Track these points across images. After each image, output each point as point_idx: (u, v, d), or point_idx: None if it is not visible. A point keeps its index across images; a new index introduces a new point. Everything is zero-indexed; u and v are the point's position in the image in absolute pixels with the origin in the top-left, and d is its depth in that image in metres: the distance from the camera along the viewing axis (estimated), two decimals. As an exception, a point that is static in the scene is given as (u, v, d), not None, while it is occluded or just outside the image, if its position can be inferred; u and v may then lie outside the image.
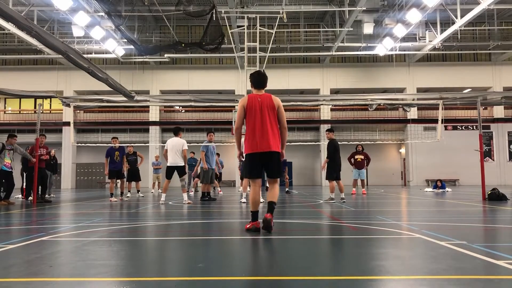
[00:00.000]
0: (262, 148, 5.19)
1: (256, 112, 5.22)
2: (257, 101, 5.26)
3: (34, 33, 8.29)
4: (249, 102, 5.28)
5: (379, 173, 31.33)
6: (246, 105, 5.28)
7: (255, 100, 5.28)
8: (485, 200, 11.22)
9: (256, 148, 5.20)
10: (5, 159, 11.25)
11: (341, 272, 3.25)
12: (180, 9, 16.12)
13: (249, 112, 5.27)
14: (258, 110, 5.23)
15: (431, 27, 25.51)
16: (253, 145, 5.22)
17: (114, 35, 25.06)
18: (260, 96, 5.34)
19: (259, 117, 5.21)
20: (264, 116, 5.21)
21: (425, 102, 17.67)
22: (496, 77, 30.35)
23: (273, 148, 5.20)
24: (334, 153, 11.34)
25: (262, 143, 5.18)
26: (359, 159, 15.74)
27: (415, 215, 8.20)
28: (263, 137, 5.18)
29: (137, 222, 6.91)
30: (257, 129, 5.19)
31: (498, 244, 4.63)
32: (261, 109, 5.23)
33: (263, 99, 5.30)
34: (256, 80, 5.46)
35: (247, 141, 5.27)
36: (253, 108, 5.24)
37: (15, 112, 32.66)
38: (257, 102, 5.25)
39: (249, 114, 5.27)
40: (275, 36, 21.84)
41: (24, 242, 4.57)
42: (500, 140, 30.08)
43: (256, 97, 5.32)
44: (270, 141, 5.18)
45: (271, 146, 5.19)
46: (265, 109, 5.23)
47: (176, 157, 10.71)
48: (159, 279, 3.02)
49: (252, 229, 5.25)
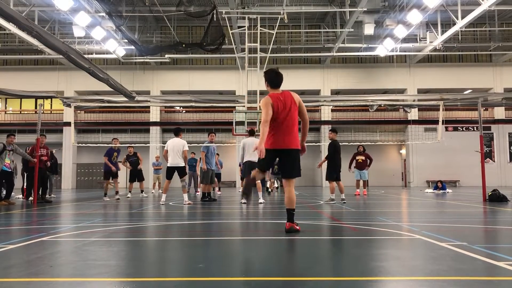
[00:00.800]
0: (282, 145, 5.21)
1: (279, 110, 5.19)
2: (280, 100, 5.24)
3: (35, 33, 8.30)
4: (273, 101, 5.22)
5: (379, 174, 31.32)
6: (272, 103, 5.22)
7: (278, 99, 5.25)
8: (486, 201, 11.21)
9: (277, 145, 5.22)
10: (5, 160, 11.26)
11: (342, 273, 3.25)
12: (181, 9, 16.14)
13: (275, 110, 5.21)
14: (281, 108, 5.20)
15: (432, 28, 25.50)
16: (274, 142, 5.22)
17: (115, 36, 25.08)
18: (281, 95, 5.32)
19: (282, 116, 5.19)
20: (288, 114, 5.22)
21: (426, 103, 17.69)
22: (497, 78, 30.34)
23: (293, 146, 5.24)
24: (334, 153, 11.32)
25: (284, 141, 5.21)
26: (360, 160, 15.61)
27: (416, 216, 8.19)
28: (284, 135, 5.21)
29: (137, 222, 6.91)
30: (279, 127, 5.20)
31: (498, 245, 4.63)
32: (284, 108, 5.22)
33: (285, 97, 5.29)
34: (273, 79, 5.43)
35: (268, 137, 5.23)
36: (276, 107, 5.19)
37: (16, 112, 32.68)
38: (280, 101, 5.23)
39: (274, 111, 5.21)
40: (275, 37, 21.84)
41: (25, 242, 4.57)
42: (500, 141, 30.06)
43: (278, 96, 5.29)
44: (291, 139, 5.23)
45: (291, 143, 5.23)
46: (287, 108, 5.23)
47: (176, 157, 10.66)
48: (159, 279, 3.02)
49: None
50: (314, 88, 30.46)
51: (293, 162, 5.29)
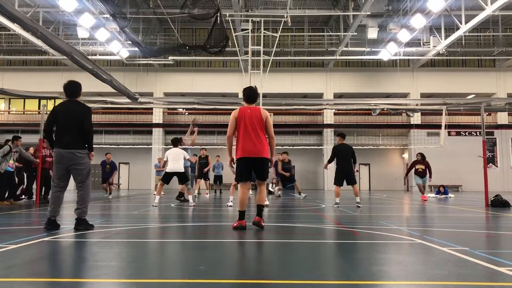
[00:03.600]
0: (251, 154, 5.80)
1: (246, 122, 5.84)
2: (247, 112, 5.91)
3: (39, 34, 8.34)
4: (239, 113, 5.92)
5: (381, 178, 31.27)
6: (237, 116, 5.90)
7: (246, 111, 5.92)
8: (488, 206, 11.17)
9: (245, 153, 5.81)
10: (9, 161, 11.33)
11: (343, 277, 3.24)
12: (185, 12, 16.16)
13: (239, 122, 5.88)
14: (247, 120, 5.85)
15: (435, 33, 25.47)
16: (243, 151, 5.82)
17: (119, 37, 25.14)
18: (250, 108, 6.00)
19: (248, 126, 5.83)
20: (253, 125, 5.84)
21: (429, 108, 17.66)
22: (500, 83, 30.27)
23: (262, 154, 5.84)
24: (334, 158, 11.18)
25: (252, 149, 5.80)
26: (420, 169, 14.91)
27: (418, 220, 8.17)
28: (252, 144, 5.79)
29: (138, 224, 6.91)
30: (247, 137, 5.81)
31: (500, 251, 4.61)
32: (250, 119, 5.85)
33: (252, 110, 5.95)
34: (247, 95, 6.12)
35: (237, 147, 5.89)
36: (243, 118, 5.86)
37: (19, 113, 32.77)
38: (247, 113, 5.90)
39: (240, 123, 5.87)
40: (279, 40, 21.86)
41: (26, 242, 4.58)
42: (503, 146, 29.98)
43: (246, 109, 5.97)
44: (258, 147, 5.81)
45: (260, 152, 5.82)
46: (253, 119, 5.86)
47: (176, 164, 10.72)
48: (160, 281, 3.03)
49: (239, 227, 5.76)
50: (317, 92, 30.47)
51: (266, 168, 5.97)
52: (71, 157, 5.57)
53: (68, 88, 5.88)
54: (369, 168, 31.78)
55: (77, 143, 5.61)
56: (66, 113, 5.71)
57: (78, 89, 5.93)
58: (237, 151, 5.89)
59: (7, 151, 11.11)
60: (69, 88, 5.88)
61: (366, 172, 31.95)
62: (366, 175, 31.97)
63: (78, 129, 5.62)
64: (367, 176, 31.97)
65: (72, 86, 5.92)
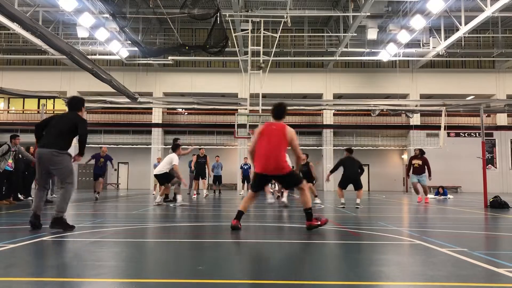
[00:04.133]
0: (271, 172, 5.77)
1: (269, 138, 5.78)
2: (271, 129, 5.87)
3: (39, 33, 8.34)
4: (264, 128, 5.92)
5: (381, 179, 31.27)
6: (261, 131, 5.90)
7: (270, 127, 5.91)
8: (487, 207, 11.18)
9: (264, 170, 5.75)
10: (8, 160, 11.32)
11: (342, 277, 3.24)
12: (184, 12, 16.18)
13: (261, 137, 5.83)
14: (271, 136, 5.79)
15: (435, 34, 25.49)
16: (262, 167, 5.76)
17: (118, 37, 25.13)
18: (275, 124, 5.95)
19: (271, 143, 5.74)
20: (275, 142, 5.75)
21: (428, 109, 17.69)
22: (499, 85, 30.30)
23: (282, 172, 5.77)
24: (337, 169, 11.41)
25: (271, 167, 5.72)
26: (416, 164, 13.71)
27: (416, 221, 8.18)
28: (273, 161, 5.69)
29: (138, 223, 6.91)
30: (268, 153, 5.71)
31: (499, 252, 4.61)
32: (273, 136, 5.79)
33: (278, 127, 5.89)
34: (275, 111, 6.09)
35: (256, 160, 5.84)
36: (266, 134, 5.82)
37: (19, 112, 32.74)
38: (271, 129, 5.86)
39: (262, 139, 5.82)
40: (279, 40, 21.86)
41: (25, 242, 4.57)
42: (502, 147, 30.00)
43: (271, 125, 5.96)
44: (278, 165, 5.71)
45: (279, 169, 5.74)
46: (277, 137, 5.78)
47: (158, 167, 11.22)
48: (159, 281, 3.02)
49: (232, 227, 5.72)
50: (316, 92, 30.48)
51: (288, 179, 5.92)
52: (49, 157, 5.64)
53: (70, 102, 6.23)
54: (368, 169, 31.78)
55: (58, 144, 5.70)
56: (60, 118, 5.97)
57: (79, 104, 6.21)
58: (256, 164, 5.84)
59: (6, 150, 11.10)
60: (71, 102, 6.23)
61: (365, 173, 31.95)
62: (365, 176, 31.93)
63: (64, 133, 5.78)
64: (366, 177, 31.99)
65: (73, 100, 6.28)
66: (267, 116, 15.12)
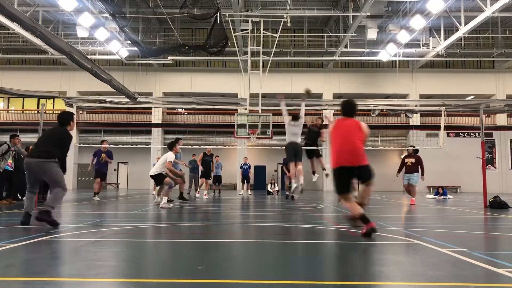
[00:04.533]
0: (353, 162, 5.44)
1: (345, 131, 5.59)
2: (346, 123, 5.69)
3: (39, 33, 8.32)
4: (337, 124, 5.73)
5: (380, 179, 31.13)
6: (335, 127, 5.71)
7: (342, 121, 5.74)
8: (487, 207, 11.18)
9: (347, 161, 5.45)
10: (8, 160, 11.31)
11: (341, 278, 3.24)
12: (184, 11, 16.17)
13: (335, 132, 5.66)
14: (345, 129, 5.61)
15: (435, 34, 25.49)
16: (345, 159, 5.46)
17: (118, 37, 25.13)
18: (348, 119, 5.77)
19: (348, 136, 5.54)
20: (351, 134, 5.55)
21: (428, 109, 17.66)
22: (499, 85, 30.30)
23: (362, 162, 5.48)
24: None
25: (354, 158, 5.44)
26: (409, 163, 13.55)
27: (416, 221, 8.18)
28: (353, 153, 5.45)
29: (137, 223, 6.91)
30: (345, 145, 5.49)
31: (498, 252, 4.62)
32: (347, 128, 5.61)
33: (350, 121, 5.73)
34: (343, 108, 5.88)
35: (338, 157, 5.52)
36: (339, 128, 5.66)
37: (18, 112, 32.72)
38: (346, 124, 5.68)
39: (337, 135, 5.62)
40: (278, 40, 21.85)
41: (24, 242, 4.57)
42: (502, 147, 30.00)
43: (343, 120, 5.77)
44: (359, 156, 5.47)
45: (361, 160, 5.47)
46: (351, 129, 5.61)
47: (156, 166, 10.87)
48: (159, 280, 3.02)
49: (369, 231, 5.19)
50: (316, 92, 30.46)
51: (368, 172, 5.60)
52: (38, 164, 6.06)
53: (60, 117, 6.57)
54: (368, 169, 31.82)
55: (44, 154, 6.09)
56: (50, 132, 6.46)
57: (68, 119, 6.55)
58: (338, 160, 5.52)
59: (5, 150, 11.09)
60: (61, 117, 6.57)
61: (365, 173, 31.96)
62: (365, 176, 31.98)
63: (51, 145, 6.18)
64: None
65: (63, 115, 6.60)
66: (267, 116, 15.10)
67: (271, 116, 15.15)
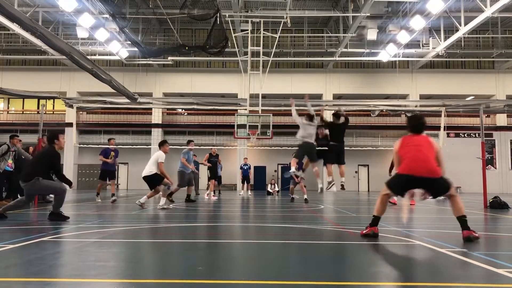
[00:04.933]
0: (417, 172, 5.09)
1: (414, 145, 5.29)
2: (414, 138, 5.41)
3: (39, 34, 8.32)
4: (404, 140, 5.47)
5: (380, 179, 31.20)
6: (400, 144, 5.44)
7: (412, 138, 5.45)
8: (487, 208, 11.18)
9: (411, 171, 5.13)
10: (8, 160, 11.30)
11: (341, 278, 3.24)
12: (184, 12, 16.18)
13: (404, 148, 5.36)
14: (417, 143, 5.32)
15: (434, 34, 25.49)
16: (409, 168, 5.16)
17: (118, 37, 25.13)
18: (417, 136, 5.47)
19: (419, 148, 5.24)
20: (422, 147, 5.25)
21: (428, 109, 17.64)
22: (499, 85, 30.30)
23: (428, 175, 5.09)
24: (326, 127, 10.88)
25: (419, 168, 5.10)
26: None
27: (416, 222, 8.18)
28: (420, 163, 5.12)
29: (137, 224, 6.91)
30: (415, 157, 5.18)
31: (498, 253, 4.62)
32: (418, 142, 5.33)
33: (421, 137, 5.44)
34: (411, 126, 5.61)
35: (403, 164, 5.24)
36: (408, 144, 5.35)
37: (18, 112, 32.73)
38: (414, 139, 5.40)
39: (407, 149, 5.31)
40: (278, 41, 21.84)
41: (24, 242, 4.57)
42: (502, 148, 30.00)
43: (411, 136, 5.48)
44: (427, 167, 5.11)
45: (428, 172, 5.09)
46: (422, 142, 5.33)
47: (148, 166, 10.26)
48: (158, 281, 3.02)
49: (370, 235, 5.20)
50: (316, 93, 30.46)
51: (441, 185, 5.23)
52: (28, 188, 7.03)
53: (47, 137, 7.51)
54: (368, 169, 31.80)
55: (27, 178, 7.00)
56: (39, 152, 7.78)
57: (53, 138, 7.33)
58: (403, 167, 5.23)
59: (5, 150, 11.08)
60: (47, 137, 7.48)
61: (365, 173, 31.98)
62: (365, 176, 31.99)
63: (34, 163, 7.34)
64: (366, 177, 32.00)
65: (49, 135, 7.48)
66: (267, 116, 15.10)
67: (271, 116, 15.15)
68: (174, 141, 28.46)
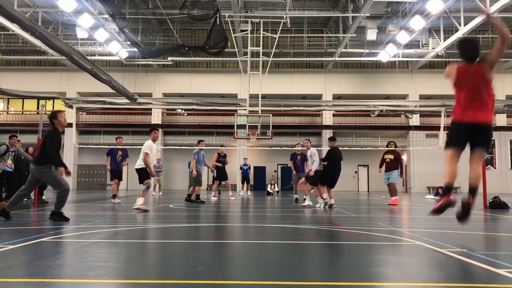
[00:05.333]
0: (469, 119, 4.79)
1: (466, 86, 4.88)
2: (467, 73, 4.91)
3: (38, 34, 8.34)
4: (459, 70, 4.95)
5: (380, 179, 31.20)
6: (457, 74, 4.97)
7: (464, 71, 4.94)
8: (486, 208, 11.18)
9: (462, 117, 4.84)
10: (7, 161, 11.30)
11: (341, 278, 3.24)
12: (184, 12, 16.20)
13: (456, 85, 4.99)
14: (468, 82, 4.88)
15: (434, 34, 25.51)
16: (460, 115, 4.88)
17: (118, 38, 25.13)
18: (470, 67, 4.93)
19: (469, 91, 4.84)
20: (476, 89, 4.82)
21: (428, 109, 17.68)
22: (499, 85, 30.25)
23: (482, 119, 4.78)
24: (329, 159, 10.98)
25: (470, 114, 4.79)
26: (388, 159, 13.00)
27: (416, 222, 8.18)
28: (471, 108, 4.79)
29: (137, 224, 6.91)
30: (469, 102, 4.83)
31: (498, 253, 4.62)
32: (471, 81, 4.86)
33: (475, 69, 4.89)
34: (461, 50, 5.05)
35: (456, 109, 4.99)
36: (460, 82, 4.94)
37: (18, 113, 32.74)
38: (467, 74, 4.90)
39: (457, 87, 4.98)
40: (278, 41, 21.85)
41: (24, 243, 4.57)
42: (502, 148, 30.01)
43: (464, 68, 4.96)
44: (478, 112, 4.77)
45: (477, 117, 4.76)
46: (476, 80, 4.84)
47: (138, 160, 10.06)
48: (158, 281, 3.02)
49: (445, 205, 4.88)
50: (316, 93, 30.49)
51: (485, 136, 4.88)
52: (36, 171, 6.90)
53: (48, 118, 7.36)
54: (367, 170, 31.82)
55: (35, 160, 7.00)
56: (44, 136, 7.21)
57: (50, 117, 7.12)
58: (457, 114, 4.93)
59: (4, 151, 11.07)
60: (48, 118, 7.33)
61: (365, 174, 31.99)
62: (365, 176, 32.01)
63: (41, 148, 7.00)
64: (366, 177, 32.02)
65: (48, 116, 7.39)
66: (267, 116, 15.11)
67: (271, 116, 15.16)
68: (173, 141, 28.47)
